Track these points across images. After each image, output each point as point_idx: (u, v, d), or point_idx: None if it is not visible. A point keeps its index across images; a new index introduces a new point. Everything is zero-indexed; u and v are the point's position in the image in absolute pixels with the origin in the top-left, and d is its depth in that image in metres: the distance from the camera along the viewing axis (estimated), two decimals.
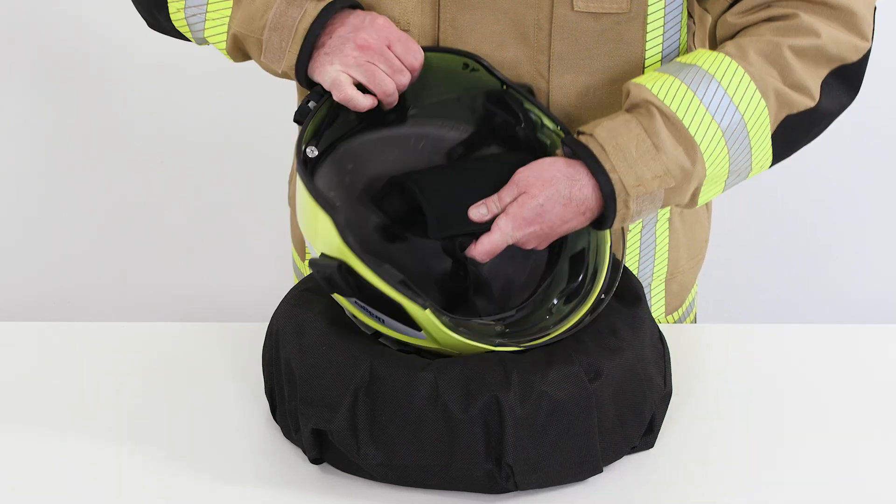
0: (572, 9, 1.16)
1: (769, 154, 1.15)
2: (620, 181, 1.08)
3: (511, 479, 1.01)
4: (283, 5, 1.14)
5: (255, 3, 1.16)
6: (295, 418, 1.08)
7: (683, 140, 1.10)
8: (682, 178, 1.10)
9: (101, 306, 2.58)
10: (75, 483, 1.07)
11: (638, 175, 1.08)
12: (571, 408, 1.02)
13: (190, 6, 1.22)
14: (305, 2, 1.13)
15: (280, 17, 1.14)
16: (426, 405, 1.01)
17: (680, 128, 1.10)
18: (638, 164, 1.08)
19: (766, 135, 1.13)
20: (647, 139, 1.09)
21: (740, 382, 1.22)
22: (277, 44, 1.14)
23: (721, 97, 1.10)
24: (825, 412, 1.17)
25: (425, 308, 1.01)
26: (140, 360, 1.27)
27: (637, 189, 1.08)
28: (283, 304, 1.16)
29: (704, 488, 1.06)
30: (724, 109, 1.10)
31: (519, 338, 1.09)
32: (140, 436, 1.13)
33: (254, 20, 1.16)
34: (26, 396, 1.20)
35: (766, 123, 1.12)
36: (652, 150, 1.09)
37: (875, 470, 1.08)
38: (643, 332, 1.13)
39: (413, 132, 1.20)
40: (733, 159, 1.13)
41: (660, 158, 1.09)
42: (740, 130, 1.11)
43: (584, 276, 1.15)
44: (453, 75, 1.16)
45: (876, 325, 1.34)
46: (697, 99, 1.10)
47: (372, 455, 1.02)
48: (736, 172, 1.15)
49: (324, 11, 1.12)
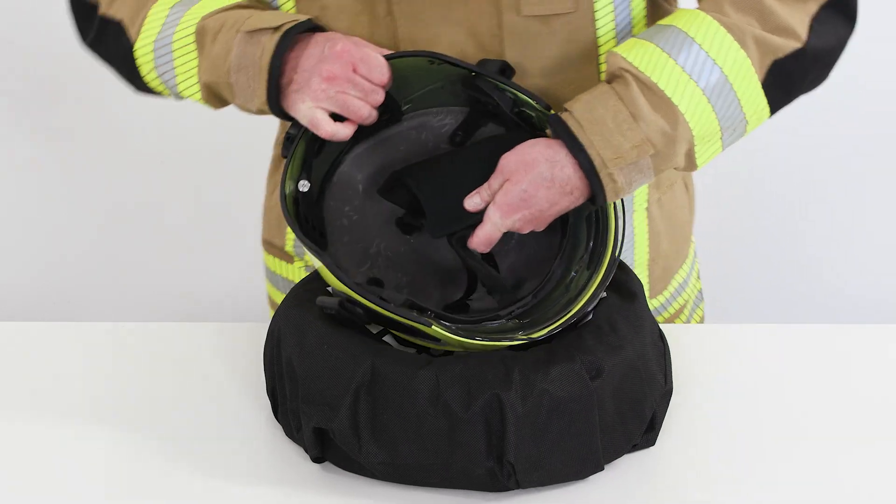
0: (519, 14, 1.16)
1: (764, 104, 1.14)
2: (599, 156, 1.08)
3: (512, 478, 1.01)
4: (241, 45, 1.13)
5: (216, 48, 1.16)
6: (296, 417, 1.08)
7: (662, 105, 1.09)
8: (664, 143, 1.09)
9: (101, 306, 2.58)
10: (76, 483, 1.07)
11: (616, 147, 1.08)
12: (573, 405, 1.02)
13: (159, 65, 1.22)
14: (262, 37, 1.13)
15: (241, 58, 1.13)
16: (427, 403, 1.01)
17: (657, 93, 1.09)
18: (615, 135, 1.08)
19: (755, 84, 1.12)
20: (623, 109, 1.09)
21: (741, 382, 1.22)
22: (245, 84, 1.13)
23: (697, 56, 1.09)
24: (825, 412, 1.17)
25: (430, 326, 1.04)
26: (140, 360, 1.27)
27: (616, 162, 1.08)
28: (283, 304, 1.16)
29: (706, 486, 1.06)
30: (702, 68, 1.09)
31: (535, 326, 1.09)
32: (140, 435, 1.13)
33: (218, 66, 1.16)
34: (26, 396, 1.20)
35: (751, 73, 1.11)
36: (629, 119, 1.08)
37: (874, 470, 1.08)
38: (644, 329, 1.13)
39: (412, 125, 1.21)
40: (722, 116, 1.12)
41: (637, 127, 1.08)
42: (722, 86, 1.10)
43: (595, 239, 1.15)
44: (425, 70, 1.17)
45: (876, 325, 1.34)
46: (673, 61, 1.09)
47: (373, 454, 1.02)
48: (730, 128, 1.14)
49: (281, 43, 1.11)
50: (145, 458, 1.10)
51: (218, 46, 1.16)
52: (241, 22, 1.15)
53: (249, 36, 1.13)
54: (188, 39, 1.19)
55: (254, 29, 1.13)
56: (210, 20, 1.18)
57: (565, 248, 1.18)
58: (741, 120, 1.14)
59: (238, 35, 1.14)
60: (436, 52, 1.15)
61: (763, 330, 1.33)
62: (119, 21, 1.23)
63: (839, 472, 1.07)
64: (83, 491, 1.06)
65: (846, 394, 1.20)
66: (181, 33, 1.19)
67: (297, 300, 1.15)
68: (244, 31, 1.13)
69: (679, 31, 1.12)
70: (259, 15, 1.15)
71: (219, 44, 1.16)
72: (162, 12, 1.21)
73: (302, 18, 1.14)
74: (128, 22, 1.23)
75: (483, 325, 1.14)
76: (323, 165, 1.18)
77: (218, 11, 1.18)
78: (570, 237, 1.18)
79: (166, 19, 1.20)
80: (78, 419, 1.16)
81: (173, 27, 1.20)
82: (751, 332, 1.33)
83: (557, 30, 1.18)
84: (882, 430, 1.14)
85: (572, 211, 1.16)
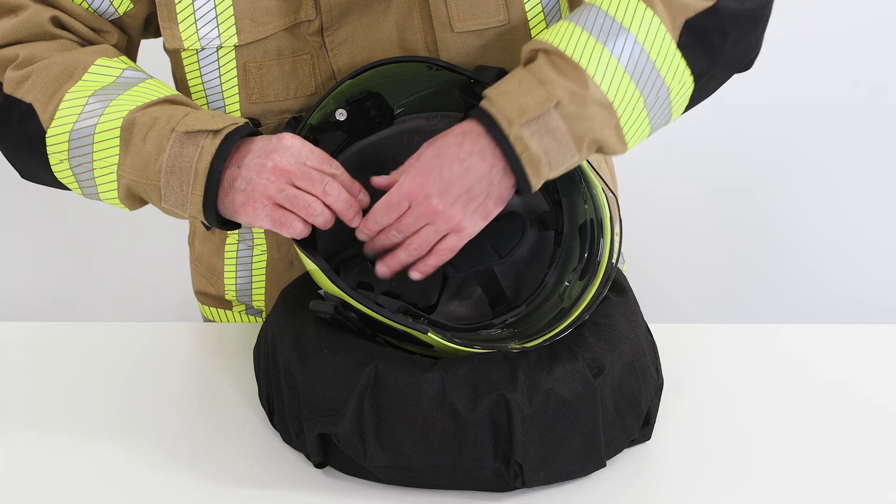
0: (454, 30, 1.16)
1: (683, 67, 1.09)
2: (502, 113, 1.03)
3: (519, 477, 1.01)
4: (176, 146, 1.05)
5: (146, 146, 1.07)
6: (297, 423, 1.08)
7: (569, 70, 1.05)
8: (572, 101, 1.04)
9: (101, 306, 2.58)
10: (75, 483, 1.06)
11: (520, 104, 1.03)
12: (577, 403, 1.03)
13: (74, 156, 1.11)
14: (201, 138, 1.04)
15: (176, 160, 1.04)
16: (433, 406, 1.01)
17: (563, 57, 1.06)
18: (519, 96, 1.04)
19: (669, 46, 1.08)
20: (528, 76, 1.05)
21: (737, 381, 1.22)
22: (177, 188, 1.05)
23: (604, 20, 1.07)
24: (826, 412, 1.17)
25: (426, 333, 1.03)
26: (140, 360, 1.27)
27: (521, 118, 1.03)
28: (275, 309, 1.16)
29: (705, 479, 1.06)
30: (608, 31, 1.06)
31: (529, 336, 1.09)
32: (140, 436, 1.13)
33: (147, 165, 1.07)
34: (26, 396, 1.20)
35: (662, 34, 1.07)
36: (534, 83, 1.04)
37: (873, 469, 1.08)
38: (638, 324, 1.13)
39: (404, 129, 1.21)
40: (638, 81, 1.07)
41: (543, 87, 1.04)
42: (631, 46, 1.07)
43: (590, 250, 1.15)
44: (422, 75, 1.17)
45: (876, 325, 1.34)
46: (580, 28, 1.07)
47: (379, 457, 1.02)
48: (653, 96, 1.09)
49: (223, 146, 1.04)
50: (144, 458, 1.09)
51: (149, 145, 1.06)
52: (175, 120, 1.06)
53: (186, 137, 1.05)
54: (112, 133, 1.08)
55: (191, 130, 1.05)
56: (140, 114, 1.08)
57: (559, 259, 1.18)
58: (661, 85, 1.09)
59: (173, 135, 1.05)
60: (434, 59, 1.15)
61: (762, 330, 1.33)
62: (29, 104, 1.11)
63: (839, 472, 1.07)
64: (83, 490, 1.05)
65: (846, 394, 1.20)
66: (105, 125, 1.09)
67: (289, 305, 1.14)
68: (180, 130, 1.05)
69: (589, 3, 1.09)
70: (195, 115, 1.07)
71: (150, 142, 1.06)
72: (79, 100, 1.10)
73: (241, 122, 1.07)
74: (39, 106, 1.11)
75: (477, 334, 1.14)
76: None
77: (148, 105, 1.09)
78: (564, 248, 1.18)
79: (84, 108, 1.10)
80: (78, 419, 1.16)
81: (95, 117, 1.09)
82: (750, 332, 1.33)
83: (492, 41, 1.17)
84: (881, 429, 1.14)
85: (568, 220, 1.15)
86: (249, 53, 1.16)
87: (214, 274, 1.38)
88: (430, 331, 1.04)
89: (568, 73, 1.05)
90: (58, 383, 1.23)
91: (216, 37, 1.14)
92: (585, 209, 1.16)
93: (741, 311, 2.55)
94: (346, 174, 1.08)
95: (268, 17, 1.14)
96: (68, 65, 1.12)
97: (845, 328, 1.34)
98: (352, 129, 1.19)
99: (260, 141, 1.07)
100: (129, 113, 1.08)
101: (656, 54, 1.07)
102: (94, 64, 1.12)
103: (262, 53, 1.16)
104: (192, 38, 1.14)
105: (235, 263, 1.33)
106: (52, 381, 1.23)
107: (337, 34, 1.16)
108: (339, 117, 1.17)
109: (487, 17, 1.15)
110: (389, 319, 1.04)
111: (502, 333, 1.14)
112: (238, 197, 1.05)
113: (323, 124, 1.17)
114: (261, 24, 1.14)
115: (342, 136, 1.20)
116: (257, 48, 1.16)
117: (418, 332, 1.04)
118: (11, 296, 2.56)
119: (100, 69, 1.12)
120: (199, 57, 1.16)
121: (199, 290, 1.43)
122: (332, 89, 1.14)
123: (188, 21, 1.13)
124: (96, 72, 1.12)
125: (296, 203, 1.04)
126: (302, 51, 1.17)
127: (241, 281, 1.35)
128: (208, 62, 1.17)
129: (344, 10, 1.15)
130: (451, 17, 1.15)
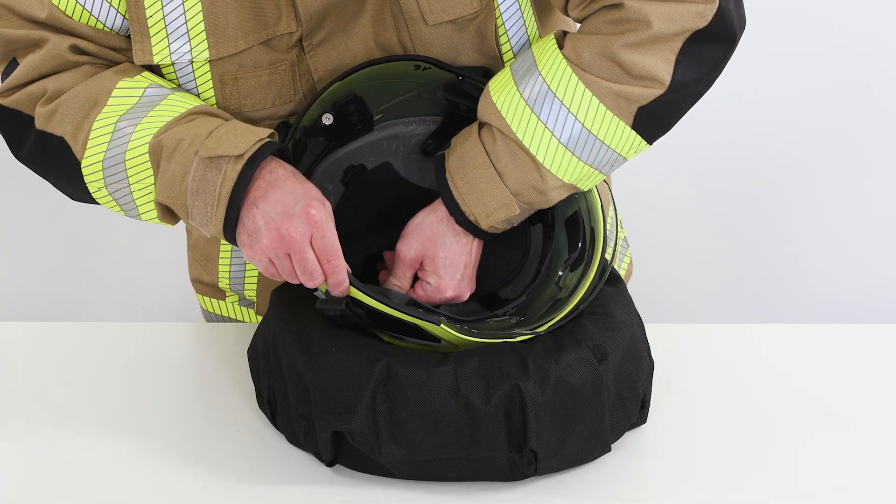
0: (427, 24, 1.16)
1: (637, 140, 1.12)
2: (472, 213, 1.14)
3: (533, 466, 1.03)
4: (200, 169, 1.07)
5: (172, 168, 1.08)
6: (304, 423, 1.08)
7: (526, 161, 1.11)
8: (533, 195, 1.13)
9: (101, 306, 2.58)
10: (75, 483, 1.06)
11: (486, 207, 1.13)
12: (586, 390, 1.04)
13: (111, 184, 1.13)
14: (223, 163, 1.06)
15: (199, 182, 1.07)
16: (447, 399, 1.02)
17: (521, 147, 1.11)
18: (484, 197, 1.13)
19: (623, 129, 1.10)
20: (490, 167, 1.12)
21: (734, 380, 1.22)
22: (202, 209, 1.07)
23: (559, 111, 1.10)
24: (825, 412, 1.17)
25: (439, 324, 1.04)
26: (140, 360, 1.27)
27: (487, 220, 1.14)
28: (270, 311, 1.16)
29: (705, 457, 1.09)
30: (563, 123, 1.10)
31: (534, 323, 1.11)
32: (140, 436, 1.13)
33: (174, 186, 1.09)
34: (26, 396, 1.20)
35: (614, 122, 1.10)
36: (496, 178, 1.12)
37: (873, 469, 1.08)
38: (632, 311, 1.16)
39: (383, 136, 1.22)
40: (589, 160, 1.12)
41: (502, 188, 1.12)
42: (585, 138, 1.10)
43: (583, 241, 1.17)
44: (408, 76, 1.17)
45: (876, 325, 1.34)
46: (535, 116, 1.10)
47: (393, 453, 1.03)
48: (606, 165, 1.13)
49: (244, 171, 1.06)
50: (145, 458, 1.09)
51: (174, 166, 1.08)
52: (199, 141, 1.08)
53: (210, 161, 1.07)
54: (142, 158, 1.11)
55: (213, 156, 1.07)
56: (165, 136, 1.09)
57: (551, 251, 1.20)
58: (613, 158, 1.13)
59: (196, 158, 1.07)
60: (423, 56, 1.15)
61: (762, 330, 1.34)
62: (60, 137, 1.13)
63: (839, 473, 1.08)
64: (83, 491, 1.05)
65: (845, 394, 1.21)
66: (134, 151, 1.11)
67: (284, 306, 1.14)
68: (203, 156, 1.07)
69: (544, 83, 1.11)
70: (218, 134, 1.08)
71: (175, 163, 1.08)
72: (107, 127, 1.12)
73: (265, 139, 1.08)
74: (70, 139, 1.13)
75: (486, 322, 1.15)
76: (303, 169, 1.18)
77: (171, 125, 1.10)
78: (555, 241, 1.20)
79: (113, 135, 1.11)
80: (78, 419, 1.16)
81: (124, 145, 1.11)
82: (749, 332, 1.33)
83: (465, 26, 1.17)
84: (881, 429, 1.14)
85: (557, 213, 1.20)
86: (224, 67, 1.16)
87: (210, 261, 1.38)
88: (444, 321, 1.05)
89: (524, 164, 1.11)
90: (58, 383, 1.23)
91: (188, 51, 1.14)
92: (576, 198, 1.18)
93: (742, 312, 2.55)
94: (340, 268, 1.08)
95: (240, 32, 1.14)
96: (91, 93, 1.13)
97: (844, 328, 1.35)
98: (334, 135, 1.20)
99: (287, 183, 1.08)
100: (154, 137, 1.10)
101: (608, 138, 1.11)
102: (116, 87, 1.13)
103: (237, 67, 1.16)
104: (163, 52, 1.14)
105: (231, 250, 1.34)
106: (52, 381, 1.23)
107: (314, 38, 1.16)
108: (326, 122, 1.18)
109: (461, 7, 1.15)
110: (401, 312, 1.04)
111: (509, 321, 1.15)
112: (243, 235, 1.08)
113: (311, 128, 1.17)
114: (233, 39, 1.14)
115: (324, 143, 1.20)
116: (231, 62, 1.16)
117: (431, 323, 1.04)
118: (11, 296, 2.56)
119: (122, 91, 1.13)
120: (176, 68, 1.16)
121: (194, 277, 1.44)
122: (320, 92, 1.15)
123: (160, 35, 1.14)
124: (119, 95, 1.13)
125: (285, 273, 1.09)
126: (280, 61, 1.16)
127: (234, 269, 1.36)
128: (184, 73, 1.17)
129: (323, 16, 1.15)
130: (423, 11, 1.15)
